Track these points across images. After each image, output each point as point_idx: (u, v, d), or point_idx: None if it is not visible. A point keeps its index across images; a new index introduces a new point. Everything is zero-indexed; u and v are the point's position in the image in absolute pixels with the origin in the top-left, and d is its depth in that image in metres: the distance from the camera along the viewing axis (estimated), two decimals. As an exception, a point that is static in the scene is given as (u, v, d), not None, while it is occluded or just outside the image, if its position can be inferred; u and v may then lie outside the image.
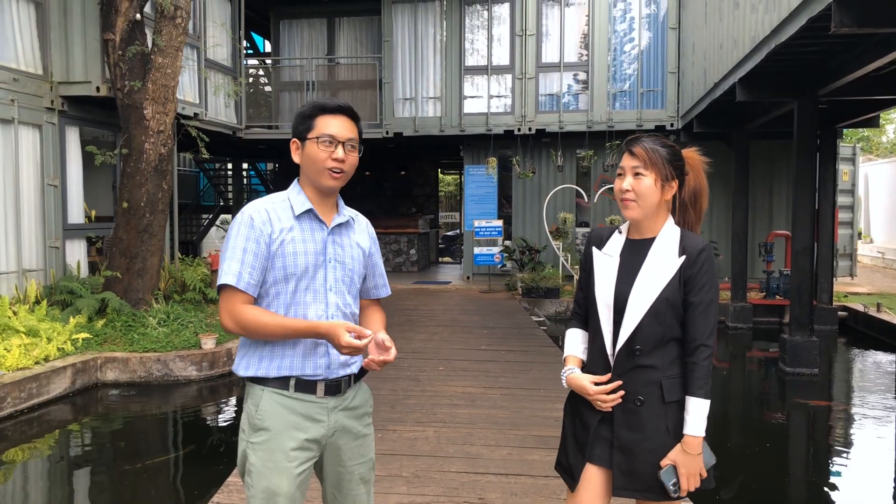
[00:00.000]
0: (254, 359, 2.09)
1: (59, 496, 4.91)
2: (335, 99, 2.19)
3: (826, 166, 10.90)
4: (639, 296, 2.12)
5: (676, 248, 2.14)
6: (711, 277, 2.12)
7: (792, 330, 8.09)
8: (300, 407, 2.08)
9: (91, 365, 7.26)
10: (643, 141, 2.18)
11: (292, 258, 2.08)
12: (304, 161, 2.15)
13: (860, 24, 4.88)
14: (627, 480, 2.13)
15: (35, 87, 8.58)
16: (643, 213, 2.17)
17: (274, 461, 2.04)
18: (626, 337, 2.13)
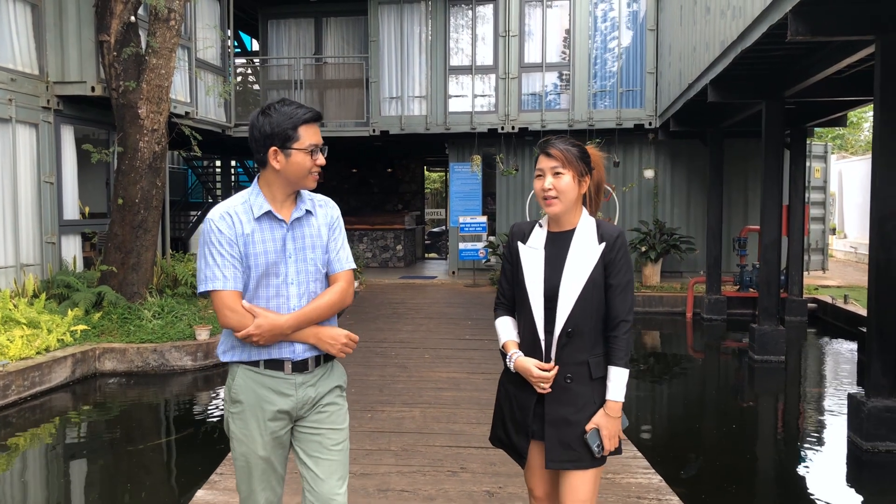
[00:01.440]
0: (228, 345, 2.34)
1: (63, 478, 5.20)
2: (306, 106, 2.34)
3: (797, 164, 11.34)
4: (569, 283, 2.33)
5: (595, 236, 2.37)
6: (627, 261, 2.38)
7: (760, 320, 8.51)
8: (269, 382, 2.31)
9: (90, 355, 7.54)
10: (557, 143, 2.40)
11: (254, 258, 2.27)
12: (288, 168, 2.29)
13: (814, 33, 5.27)
14: (560, 452, 2.32)
15: (31, 86, 8.83)
16: (565, 208, 2.37)
17: (248, 429, 2.31)
18: (561, 323, 2.33)
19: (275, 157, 2.29)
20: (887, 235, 5.27)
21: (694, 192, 13.66)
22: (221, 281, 2.26)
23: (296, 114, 2.29)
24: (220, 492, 3.79)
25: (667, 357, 9.66)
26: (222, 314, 2.28)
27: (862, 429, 5.32)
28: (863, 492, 4.99)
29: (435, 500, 3.68)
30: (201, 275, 2.29)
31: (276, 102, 2.33)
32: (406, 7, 13.70)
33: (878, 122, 5.31)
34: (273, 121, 2.27)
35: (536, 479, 2.48)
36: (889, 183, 5.27)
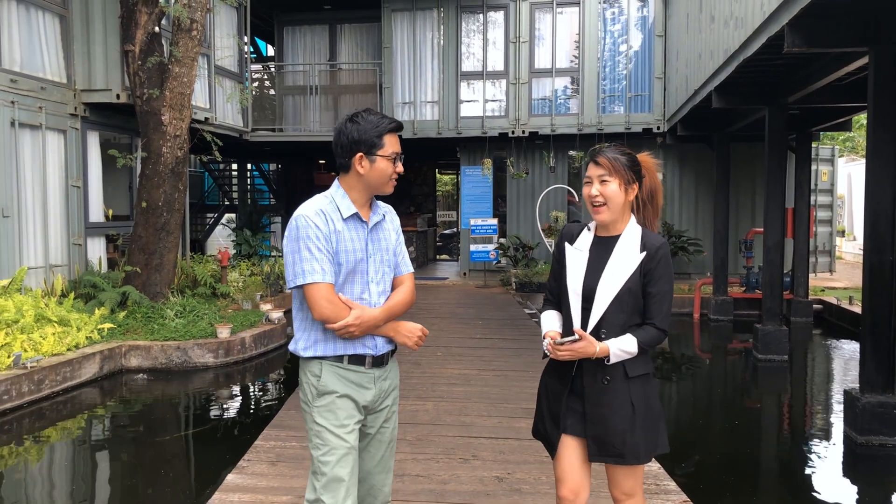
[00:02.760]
0: (310, 342, 2.44)
1: (99, 466, 5.52)
2: (389, 117, 2.49)
3: (802, 167, 11.55)
4: (605, 286, 2.44)
5: (638, 245, 2.47)
6: (668, 271, 2.47)
7: (764, 320, 8.74)
8: (353, 377, 2.44)
9: (117, 352, 7.88)
10: (605, 151, 2.51)
11: (343, 255, 2.41)
12: (372, 173, 2.44)
13: (809, 45, 5.52)
14: (601, 448, 2.46)
15: (60, 94, 9.20)
16: (612, 216, 2.48)
17: (338, 419, 2.40)
18: (594, 323, 2.45)
19: (360, 163, 2.43)
20: (880, 237, 5.50)
21: (702, 195, 13.88)
22: (320, 274, 2.36)
23: (381, 123, 2.43)
24: (248, 476, 4.08)
25: (674, 356, 9.89)
26: (320, 305, 2.36)
27: (856, 423, 5.55)
28: (857, 483, 5.22)
29: (448, 483, 3.96)
30: (297, 268, 2.37)
31: (362, 111, 2.47)
32: (419, 14, 14.01)
33: (871, 128, 5.55)
34: (361, 128, 2.41)
35: (565, 475, 2.55)
36: (881, 187, 5.51)
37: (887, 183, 5.50)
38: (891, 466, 5.40)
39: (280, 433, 4.86)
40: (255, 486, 3.94)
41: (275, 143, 14.92)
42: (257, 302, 10.48)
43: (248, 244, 14.75)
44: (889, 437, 5.46)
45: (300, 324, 2.49)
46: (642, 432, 2.46)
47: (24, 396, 6.49)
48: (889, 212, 5.49)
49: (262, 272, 12.41)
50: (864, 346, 5.67)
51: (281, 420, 5.19)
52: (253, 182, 20.36)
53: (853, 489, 5.14)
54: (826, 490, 4.98)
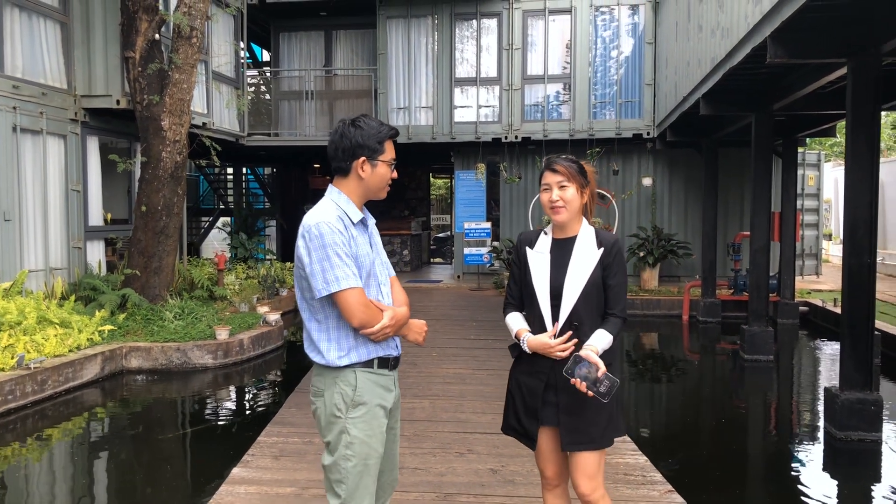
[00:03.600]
0: (343, 350, 2.42)
1: (105, 463, 5.68)
2: (386, 123, 2.55)
3: (788, 172, 11.79)
4: (572, 283, 2.67)
5: (595, 243, 2.71)
6: (622, 264, 2.73)
7: (750, 321, 8.96)
8: (382, 381, 2.48)
9: (117, 353, 8.03)
10: (561, 161, 2.75)
11: (362, 259, 2.44)
12: (373, 178, 2.49)
13: (790, 56, 5.74)
14: (574, 436, 2.65)
15: (60, 100, 9.35)
16: (569, 216, 2.71)
17: (372, 429, 2.41)
18: (564, 317, 2.65)
19: (362, 167, 2.46)
20: (858, 241, 5.73)
21: (691, 199, 14.12)
22: (354, 279, 2.35)
23: (382, 129, 2.49)
24: (253, 469, 4.27)
25: (664, 357, 10.11)
26: (357, 310, 2.35)
27: (836, 419, 5.77)
28: (837, 477, 5.43)
29: (445, 475, 4.15)
30: (328, 276, 2.34)
31: (362, 116, 2.51)
32: (413, 21, 14.22)
33: (850, 136, 5.78)
34: (364, 133, 2.44)
35: (547, 461, 2.78)
36: (860, 193, 5.73)
37: (865, 189, 5.72)
38: (868, 460, 5.61)
39: (282, 429, 5.05)
40: (259, 478, 4.12)
41: (270, 148, 15.09)
42: (254, 304, 10.64)
43: (243, 247, 14.90)
44: (867, 433, 5.68)
45: (328, 333, 2.44)
46: (609, 417, 2.69)
47: (28, 396, 6.64)
48: (867, 217, 5.72)
49: (258, 275, 12.57)
50: (843, 346, 5.89)
51: (283, 417, 5.37)
52: (248, 186, 20.52)
53: (833, 483, 5.34)
54: (806, 483, 5.19)
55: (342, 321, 2.43)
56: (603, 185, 14.00)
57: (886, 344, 8.92)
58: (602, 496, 2.73)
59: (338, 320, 2.43)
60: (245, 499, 3.84)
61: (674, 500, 3.82)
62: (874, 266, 5.83)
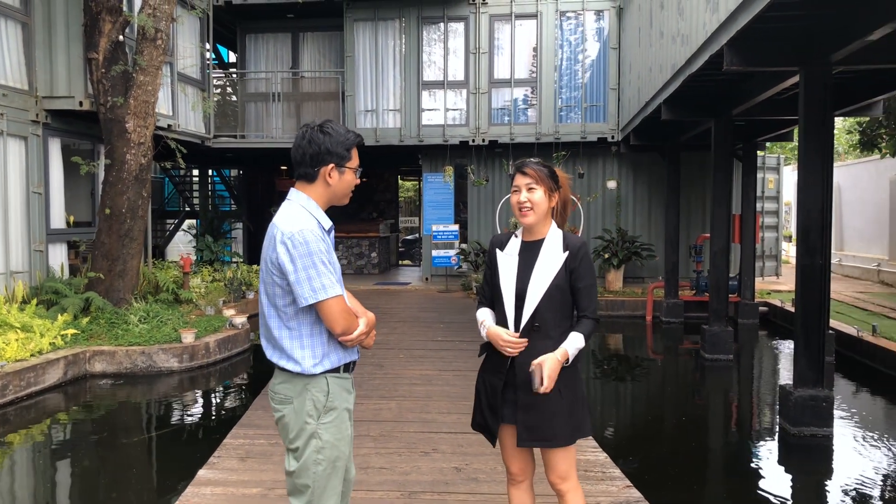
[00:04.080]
0: (318, 357, 2.43)
1: (70, 468, 5.63)
2: (352, 130, 2.53)
3: (748, 176, 12.09)
4: (535, 285, 2.72)
5: (561, 246, 2.76)
6: (590, 267, 2.77)
7: (711, 322, 9.18)
8: (346, 384, 2.52)
9: (81, 357, 7.94)
10: (531, 164, 2.81)
11: (334, 266, 2.47)
12: (340, 184, 2.50)
13: (746, 64, 5.93)
14: (531, 433, 2.70)
15: (21, 101, 9.21)
16: (537, 219, 2.77)
17: (341, 432, 2.46)
18: (527, 317, 2.71)
19: (330, 174, 2.46)
20: (811, 244, 5.93)
21: (654, 201, 14.38)
22: (339, 287, 2.38)
23: (349, 136, 2.48)
24: (219, 471, 4.28)
25: (628, 358, 10.30)
26: (341, 318, 2.38)
27: (790, 415, 5.96)
28: (791, 471, 5.62)
29: (409, 475, 4.22)
30: (315, 284, 2.34)
31: (328, 122, 2.49)
32: (381, 24, 14.27)
33: (802, 142, 5.98)
34: (333, 140, 2.44)
35: (511, 457, 2.88)
36: (811, 196, 5.94)
37: (817, 193, 5.93)
38: (820, 455, 5.81)
39: (248, 431, 5.07)
40: (225, 479, 4.15)
41: (237, 150, 15.01)
42: (220, 307, 10.59)
43: (209, 250, 14.79)
44: (819, 429, 5.88)
45: (302, 341, 2.43)
46: (568, 416, 2.73)
47: (-11, 401, 6.55)
48: (819, 220, 5.93)
49: (224, 278, 12.50)
50: (797, 344, 6.09)
51: (249, 419, 5.39)
52: (214, 188, 20.34)
53: (787, 477, 5.53)
54: (761, 478, 5.36)
55: (315, 328, 2.43)
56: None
57: (841, 343, 9.20)
58: (572, 488, 2.82)
59: (311, 327, 2.43)
60: (211, 499, 3.86)
61: (632, 495, 3.94)
62: (827, 267, 6.04)
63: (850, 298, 12.65)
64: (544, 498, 3.66)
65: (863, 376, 8.42)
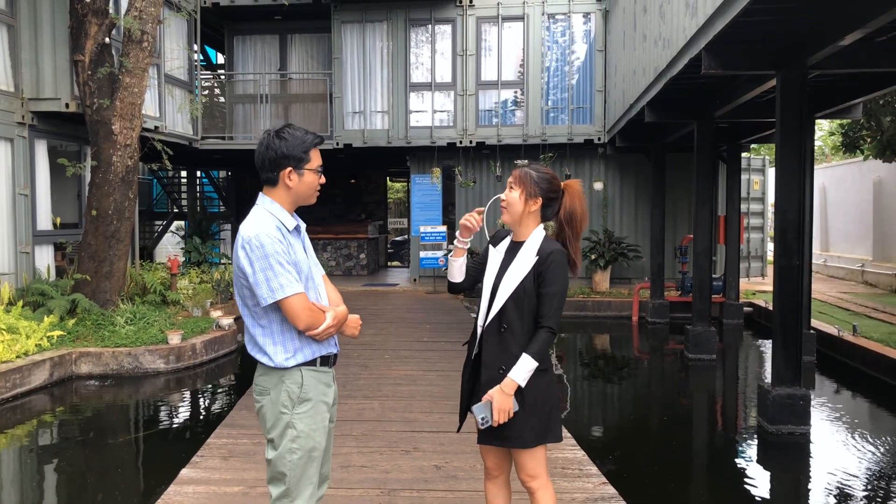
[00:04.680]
0: (290, 351, 2.53)
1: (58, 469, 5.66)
2: (312, 132, 2.59)
3: (733, 177, 12.22)
4: (504, 285, 2.76)
5: (535, 250, 2.78)
6: (558, 274, 2.73)
7: (694, 322, 9.28)
8: (323, 378, 2.61)
9: (67, 359, 7.96)
10: (521, 166, 2.89)
11: (300, 265, 2.55)
12: (301, 186, 2.57)
13: (723, 68, 6.03)
14: (489, 431, 2.73)
15: (7, 103, 9.22)
16: (510, 218, 2.83)
17: (316, 423, 2.55)
18: (493, 315, 2.76)
19: (289, 177, 2.54)
20: (788, 245, 6.03)
21: (641, 203, 14.49)
22: (297, 285, 2.47)
23: (307, 138, 2.56)
24: (202, 470, 4.33)
25: (614, 357, 10.40)
26: (303, 314, 2.47)
27: (768, 414, 6.06)
28: (769, 468, 5.72)
29: (390, 472, 4.28)
30: (273, 283, 2.43)
31: (285, 126, 2.57)
32: (368, 26, 14.32)
33: (779, 145, 6.08)
34: (289, 144, 2.52)
35: (486, 452, 2.95)
36: (788, 198, 6.04)
37: (794, 194, 6.03)
38: (797, 452, 5.91)
39: (232, 431, 5.11)
40: (208, 478, 4.19)
41: (225, 151, 15.02)
42: (207, 309, 10.61)
43: (197, 252, 14.80)
44: (796, 426, 5.98)
45: (273, 337, 2.54)
46: (530, 420, 2.74)
47: (-26, 403, 6.57)
48: (795, 220, 6.03)
49: (211, 279, 12.51)
50: (775, 343, 6.19)
51: (233, 419, 5.43)
52: (202, 189, 20.33)
53: (764, 474, 5.62)
54: (738, 475, 5.45)
55: (285, 324, 2.53)
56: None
57: (822, 343, 9.32)
58: (542, 486, 2.85)
59: (281, 324, 2.53)
60: (193, 498, 3.91)
61: (607, 492, 4.01)
62: (804, 268, 6.15)
63: (834, 299, 12.79)
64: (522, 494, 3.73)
65: (843, 376, 8.53)
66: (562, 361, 9.61)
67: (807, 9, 5.16)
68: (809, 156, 8.81)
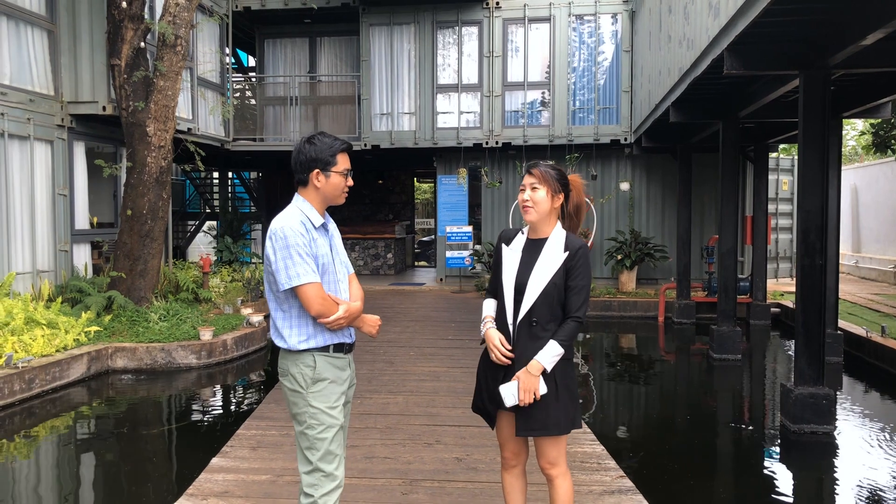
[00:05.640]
0: (303, 336, 2.78)
1: (87, 458, 5.89)
2: (340, 138, 2.86)
3: (760, 177, 12.15)
4: (535, 281, 2.86)
5: (563, 246, 2.89)
6: (586, 269, 2.88)
7: (719, 322, 9.27)
8: (337, 363, 2.85)
9: (103, 353, 8.23)
10: (539, 165, 2.97)
11: (321, 259, 2.79)
12: (327, 187, 2.82)
13: (746, 68, 6.05)
14: (527, 423, 2.86)
15: (47, 106, 9.55)
16: (538, 216, 2.93)
17: (331, 400, 2.79)
18: (524, 312, 2.86)
19: (317, 178, 2.81)
20: (810, 245, 6.03)
21: (668, 203, 14.45)
22: (313, 275, 2.72)
23: (334, 144, 2.82)
24: (231, 459, 4.50)
25: (641, 357, 10.41)
26: (315, 302, 2.71)
27: (790, 413, 6.07)
28: (791, 468, 5.72)
29: (412, 464, 4.41)
30: (290, 272, 2.70)
31: (317, 134, 2.85)
32: (396, 28, 14.50)
33: (802, 145, 6.09)
34: (317, 148, 2.79)
35: (505, 442, 3.06)
36: (811, 198, 6.04)
37: (816, 195, 6.04)
38: (819, 452, 5.91)
39: (260, 423, 5.29)
40: (237, 467, 4.36)
41: (255, 153, 15.31)
42: (238, 306, 10.86)
43: (229, 251, 15.10)
44: (818, 426, 5.99)
45: (290, 321, 2.79)
46: (562, 407, 2.88)
47: (16, 395, 6.85)
48: (818, 220, 6.03)
49: (242, 278, 12.78)
50: (797, 343, 6.20)
51: (261, 412, 5.61)
52: (234, 190, 20.70)
53: (788, 474, 5.64)
54: (757, 474, 5.48)
55: (303, 311, 2.79)
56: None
57: (850, 344, 9.25)
58: (561, 473, 2.96)
59: (300, 310, 2.78)
60: (223, 485, 4.08)
61: (624, 485, 4.09)
62: (826, 267, 6.14)
63: (864, 300, 12.64)
64: (539, 486, 3.84)
65: (872, 377, 8.46)
66: (588, 361, 9.67)
67: (827, 9, 5.18)
68: (836, 155, 8.76)
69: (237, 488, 4.04)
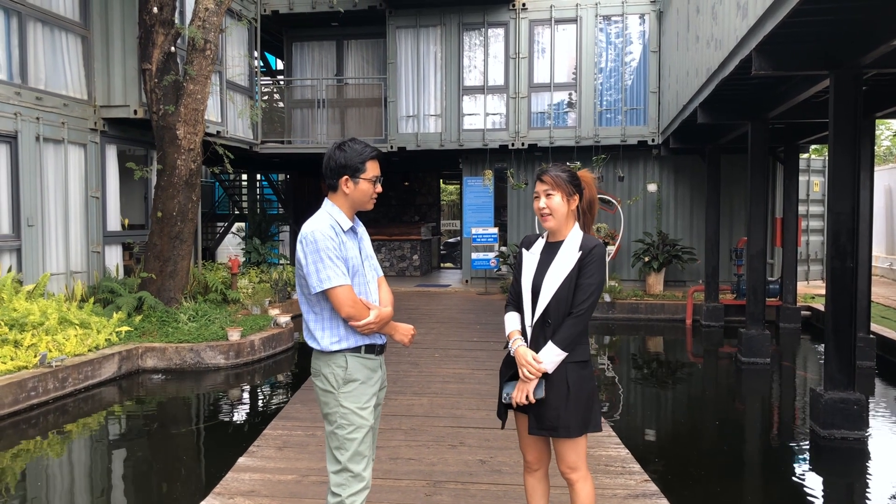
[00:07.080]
0: (335, 338, 2.82)
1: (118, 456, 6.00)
2: (371, 145, 2.90)
3: (790, 179, 11.97)
4: (548, 282, 2.88)
5: (578, 246, 2.91)
6: (599, 268, 2.88)
7: (748, 325, 9.16)
8: (369, 364, 2.88)
9: (134, 353, 8.38)
10: (549, 171, 2.97)
11: (350, 261, 2.83)
12: (356, 193, 2.87)
13: (774, 68, 5.98)
14: (539, 423, 2.87)
15: (81, 110, 9.75)
16: (557, 223, 2.94)
17: (361, 401, 2.83)
18: (539, 313, 2.90)
19: (346, 184, 2.85)
20: (841, 247, 5.94)
21: (696, 204, 14.31)
22: (344, 277, 2.75)
23: (364, 151, 2.86)
24: (258, 458, 4.56)
25: (668, 360, 10.32)
26: (346, 305, 2.75)
27: (820, 418, 5.98)
28: (821, 473, 5.64)
29: (436, 465, 4.43)
30: (322, 275, 2.74)
31: (348, 140, 2.88)
32: (422, 31, 14.55)
33: (832, 146, 6.00)
34: (347, 155, 2.84)
35: (527, 446, 3.08)
36: (841, 200, 5.95)
37: (847, 197, 5.94)
38: (849, 458, 5.81)
39: (287, 423, 5.34)
40: (263, 466, 4.42)
41: (283, 155, 15.46)
42: (266, 307, 10.98)
43: (257, 252, 15.26)
44: (849, 431, 5.89)
45: (322, 323, 2.83)
46: (574, 410, 2.87)
47: (50, 393, 7.00)
48: (849, 223, 5.94)
49: (270, 279, 12.91)
50: (827, 347, 6.10)
51: (288, 412, 5.67)
52: (262, 192, 20.91)
53: (818, 479, 5.55)
54: (787, 479, 5.40)
55: (335, 313, 2.82)
56: (609, 191, 14.24)
57: (884, 348, 9.08)
58: (581, 478, 2.96)
59: (331, 312, 2.82)
60: (249, 484, 4.14)
61: (648, 489, 4.07)
62: (857, 271, 6.04)
63: (898, 303, 12.39)
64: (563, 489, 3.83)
65: (904, 381, 8.31)
66: (614, 363, 9.62)
67: (857, 8, 5.10)
68: (868, 156, 8.60)
69: (263, 488, 4.09)
